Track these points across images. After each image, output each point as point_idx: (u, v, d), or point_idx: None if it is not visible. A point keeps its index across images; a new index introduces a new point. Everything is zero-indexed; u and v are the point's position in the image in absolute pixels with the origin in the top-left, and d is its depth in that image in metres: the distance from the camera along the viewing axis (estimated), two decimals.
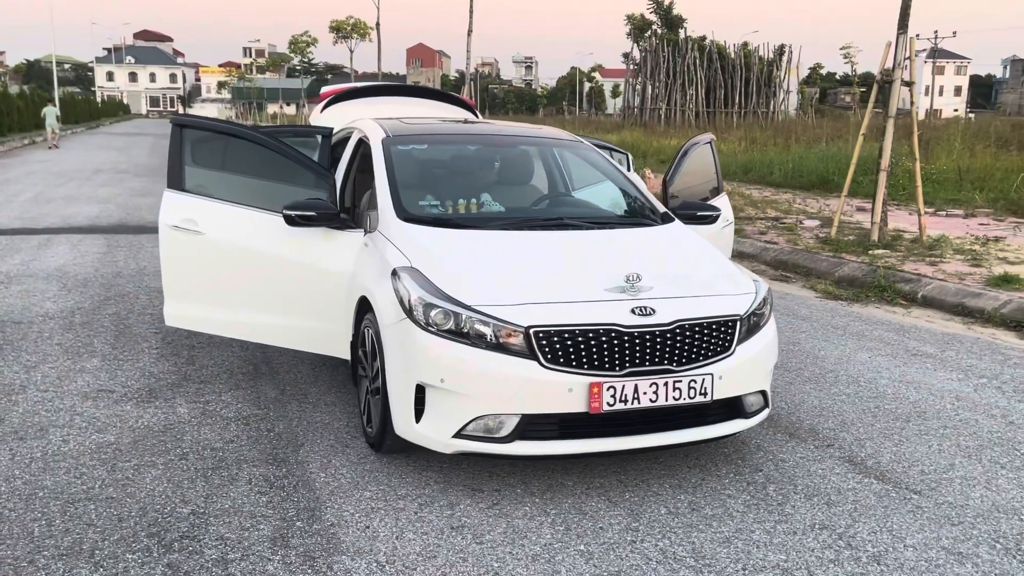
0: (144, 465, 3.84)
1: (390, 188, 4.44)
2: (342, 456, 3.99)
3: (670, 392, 3.53)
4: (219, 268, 4.62)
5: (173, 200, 4.67)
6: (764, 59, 48.81)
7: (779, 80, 48.92)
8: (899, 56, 9.27)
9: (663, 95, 46.72)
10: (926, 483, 3.88)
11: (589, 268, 3.84)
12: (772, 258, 9.72)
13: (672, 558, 3.17)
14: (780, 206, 13.67)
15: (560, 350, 3.45)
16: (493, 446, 3.50)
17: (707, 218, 4.99)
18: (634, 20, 55.70)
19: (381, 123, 5.19)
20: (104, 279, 7.91)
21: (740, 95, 47.54)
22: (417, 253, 3.91)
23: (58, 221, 11.88)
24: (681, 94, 46.56)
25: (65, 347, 5.66)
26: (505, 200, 4.85)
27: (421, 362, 3.54)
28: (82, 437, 4.14)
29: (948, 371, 5.63)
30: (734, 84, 47.60)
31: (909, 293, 7.87)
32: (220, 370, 5.25)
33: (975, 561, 3.21)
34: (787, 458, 4.12)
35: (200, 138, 4.82)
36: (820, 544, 3.30)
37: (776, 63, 49.18)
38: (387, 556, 3.12)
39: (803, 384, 5.27)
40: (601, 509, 3.54)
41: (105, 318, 6.45)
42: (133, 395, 4.76)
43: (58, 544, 3.13)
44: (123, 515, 3.36)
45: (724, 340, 3.71)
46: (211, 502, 3.50)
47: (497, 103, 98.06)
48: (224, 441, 4.14)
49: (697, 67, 46.40)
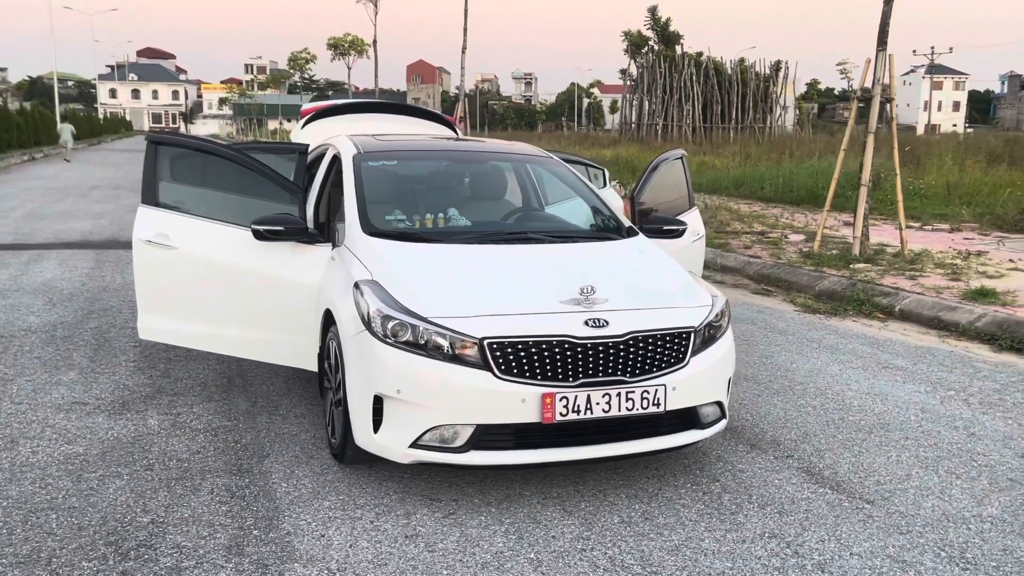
0: (109, 476, 3.90)
1: (357, 203, 4.53)
2: (305, 467, 4.06)
3: (623, 403, 3.60)
4: (191, 282, 4.70)
5: (147, 215, 4.75)
6: (761, 75, 49.15)
7: (775, 95, 49.22)
8: (878, 73, 9.38)
9: (660, 111, 46.99)
10: (880, 493, 3.94)
11: (546, 281, 3.92)
12: (755, 272, 9.79)
13: (620, 566, 3.23)
14: (767, 221, 13.76)
15: (514, 361, 3.52)
16: (448, 456, 3.56)
17: (673, 232, 5.07)
18: (631, 36, 56.10)
19: (354, 139, 5.28)
20: (90, 294, 7.98)
21: (737, 110, 47.83)
22: (379, 266, 3.99)
23: (50, 237, 11.98)
24: (678, 109, 46.84)
25: (44, 360, 5.73)
26: (474, 215, 4.93)
27: (379, 373, 3.61)
28: (51, 448, 4.21)
29: (917, 383, 5.69)
30: (731, 99, 47.92)
31: (887, 307, 7.94)
32: (194, 383, 5.32)
33: (918, 569, 3.26)
34: (746, 468, 4.18)
35: (175, 155, 4.91)
36: (767, 552, 3.36)
37: (772, 79, 49.51)
38: (339, 564, 3.17)
39: (771, 396, 5.33)
40: (555, 518, 3.59)
41: (87, 332, 6.53)
42: (106, 407, 4.83)
43: (16, 552, 3.19)
44: (83, 524, 3.42)
45: (678, 352, 3.78)
46: (171, 511, 3.56)
47: (496, 119, 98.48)
48: (191, 452, 4.20)
49: (694, 83, 46.69)
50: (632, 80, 52.25)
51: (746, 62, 49.85)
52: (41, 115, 43.68)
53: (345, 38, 63.36)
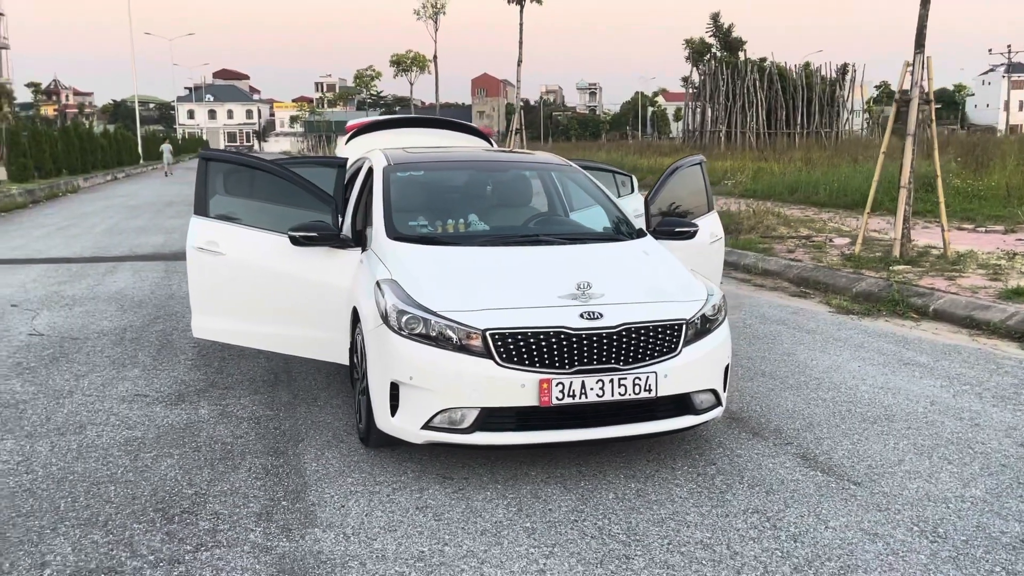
0: (162, 455, 4.38)
1: (384, 210, 4.95)
2: (335, 449, 4.47)
3: (615, 388, 3.91)
4: (237, 284, 5.18)
5: (198, 225, 5.25)
6: (827, 78, 48.38)
7: (842, 99, 48.38)
8: (916, 75, 9.43)
9: (723, 117, 46.69)
10: (869, 476, 4.15)
11: (548, 278, 4.26)
12: (795, 275, 9.91)
13: (606, 534, 3.54)
14: (815, 225, 13.77)
15: (514, 350, 3.87)
16: (457, 436, 3.93)
17: (685, 234, 5.35)
18: (693, 44, 55.91)
19: (386, 152, 5.71)
20: (158, 301, 8.62)
21: (802, 116, 47.17)
22: (398, 267, 4.39)
23: (126, 250, 12.81)
24: (741, 116, 46.45)
25: (113, 359, 6.31)
26: (494, 220, 5.30)
27: (394, 362, 4.00)
28: (114, 433, 4.72)
29: (934, 379, 5.82)
30: (795, 104, 47.28)
31: (921, 307, 8.01)
32: (244, 378, 5.81)
33: (887, 540, 3.49)
34: (743, 453, 4.43)
35: (224, 169, 5.41)
36: (747, 524, 3.62)
37: (839, 82, 48.69)
38: (353, 529, 3.57)
39: (784, 390, 5.55)
40: (555, 494, 3.92)
41: (152, 334, 7.12)
42: (164, 399, 5.35)
43: (79, 516, 3.67)
44: (136, 494, 3.90)
45: (670, 342, 4.08)
46: (213, 485, 4.01)
47: (559, 130, 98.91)
48: (235, 437, 4.67)
49: (757, 88, 46.25)
50: (694, 88, 52.06)
51: (811, 66, 49.15)
52: (123, 137, 45.94)
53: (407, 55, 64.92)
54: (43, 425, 4.84)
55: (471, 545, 3.45)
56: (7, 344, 6.75)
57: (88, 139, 37.24)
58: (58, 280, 9.89)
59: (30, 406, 5.19)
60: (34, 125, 40.27)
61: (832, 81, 48.63)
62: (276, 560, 3.31)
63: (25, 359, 6.30)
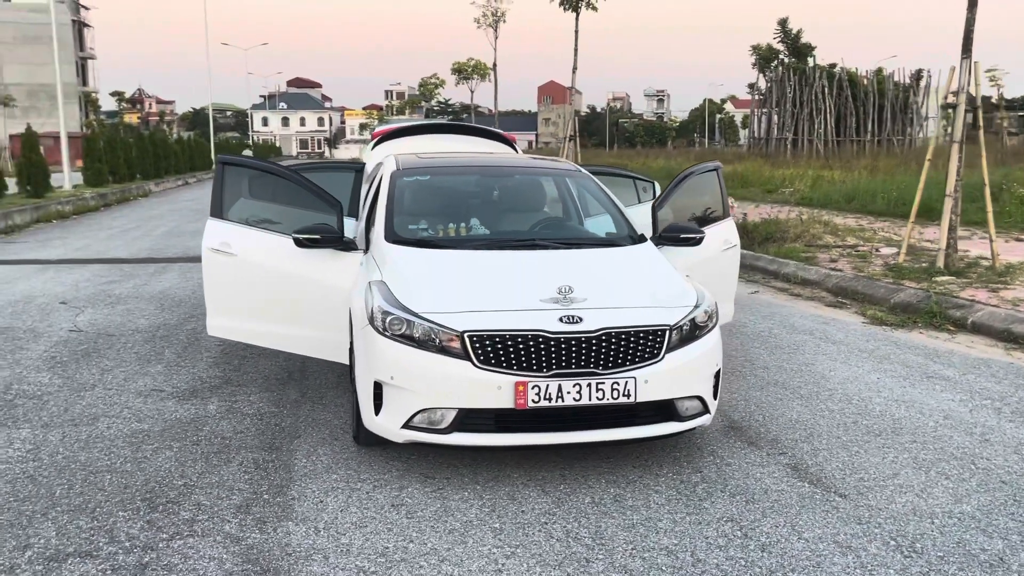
0: (162, 448, 4.55)
1: (386, 214, 5.04)
2: (327, 447, 4.57)
3: (593, 393, 3.91)
4: (246, 284, 5.34)
5: (213, 227, 5.43)
6: (900, 84, 47.05)
7: (916, 105, 46.98)
8: (962, 80, 9.14)
9: (789, 125, 45.82)
10: (858, 489, 4.05)
11: (532, 282, 4.28)
12: (833, 285, 9.69)
13: (573, 537, 3.54)
14: (864, 234, 13.43)
15: (491, 352, 3.91)
16: (435, 436, 3.98)
17: (691, 240, 5.31)
18: (760, 51, 54.97)
19: (398, 158, 5.82)
20: (196, 301, 8.90)
21: (873, 123, 45.98)
22: (390, 269, 4.47)
23: (179, 252, 13.25)
24: (808, 123, 45.51)
25: (140, 355, 6.56)
26: (497, 224, 5.35)
27: (378, 362, 4.08)
28: (123, 425, 4.91)
29: (954, 392, 5.64)
30: (866, 111, 46.12)
31: (959, 319, 7.75)
32: (258, 376, 5.98)
33: (859, 554, 3.41)
34: (733, 462, 4.38)
35: (242, 174, 5.59)
36: (717, 533, 3.58)
37: (913, 88, 47.31)
38: (325, 524, 3.65)
39: (792, 400, 5.44)
40: (531, 497, 3.94)
41: (182, 333, 7.37)
42: (178, 394, 5.54)
43: (71, 502, 3.85)
44: (129, 484, 4.06)
45: (652, 347, 4.06)
46: (203, 477, 4.15)
47: (625, 137, 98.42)
48: (235, 432, 4.81)
49: (825, 95, 45.26)
50: (760, 94, 51.19)
51: (884, 72, 47.87)
52: (196, 143, 47.39)
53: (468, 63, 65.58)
54: (60, 416, 5.07)
55: (436, 543, 3.49)
56: (47, 339, 7.08)
57: (162, 145, 38.53)
58: (109, 280, 10.30)
59: (53, 398, 5.44)
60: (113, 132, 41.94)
61: (906, 87, 47.29)
62: (244, 551, 3.41)
63: (59, 354, 6.59)
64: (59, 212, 19.38)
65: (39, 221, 18.12)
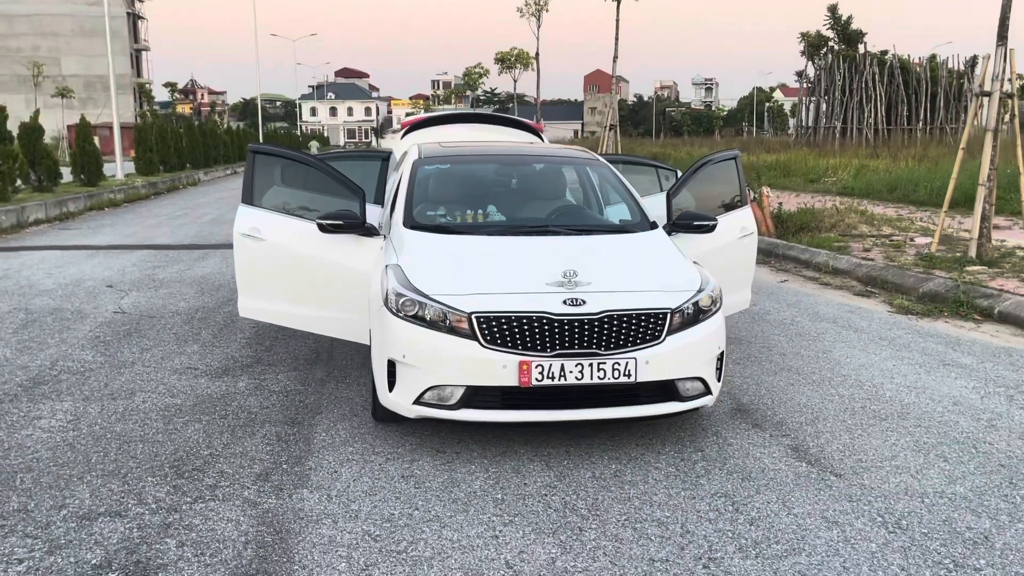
0: (192, 421, 4.83)
1: (405, 201, 5.25)
2: (347, 422, 4.81)
3: (595, 372, 4.07)
4: (275, 268, 5.59)
5: (244, 212, 5.69)
6: (954, 71, 45.95)
7: (970, 93, 45.82)
8: (997, 68, 9.04)
9: (838, 113, 45.08)
10: (854, 469, 4.16)
11: (541, 265, 4.45)
12: (863, 274, 9.67)
13: (569, 508, 3.72)
14: (901, 224, 13.31)
15: (497, 333, 4.09)
16: (445, 412, 4.19)
17: (703, 227, 5.42)
18: (808, 38, 54.07)
19: (421, 147, 6.02)
20: (234, 285, 9.15)
21: (925, 111, 45.01)
22: (406, 253, 4.68)
23: (222, 239, 13.65)
24: (858, 111, 44.74)
25: (178, 335, 6.88)
26: (514, 211, 5.52)
27: (391, 341, 4.29)
28: (157, 399, 5.21)
29: (968, 380, 5.67)
30: (919, 99, 45.16)
31: (986, 308, 7.72)
32: (288, 355, 6.25)
33: (844, 529, 3.53)
34: (735, 443, 4.50)
35: (272, 162, 5.83)
36: (709, 507, 3.73)
37: (968, 75, 46.17)
38: (338, 492, 3.88)
39: (803, 385, 5.54)
40: (535, 471, 4.12)
41: (219, 315, 7.69)
42: (211, 372, 5.83)
43: (105, 468, 4.13)
44: (159, 452, 4.34)
45: (653, 330, 4.20)
46: (228, 448, 4.41)
47: (672, 126, 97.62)
48: (261, 407, 5.07)
49: (876, 83, 44.43)
50: (809, 82, 50.40)
51: (937, 59, 46.79)
52: (244, 133, 48.35)
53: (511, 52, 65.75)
54: (100, 390, 5.39)
55: (439, 511, 3.70)
56: (92, 320, 7.45)
57: (211, 135, 39.42)
58: (154, 264, 10.71)
59: (94, 374, 5.77)
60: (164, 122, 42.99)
61: (960, 74, 46.17)
62: (260, 514, 3.66)
63: (103, 334, 6.95)
64: (111, 200, 20.04)
65: (92, 208, 18.77)
